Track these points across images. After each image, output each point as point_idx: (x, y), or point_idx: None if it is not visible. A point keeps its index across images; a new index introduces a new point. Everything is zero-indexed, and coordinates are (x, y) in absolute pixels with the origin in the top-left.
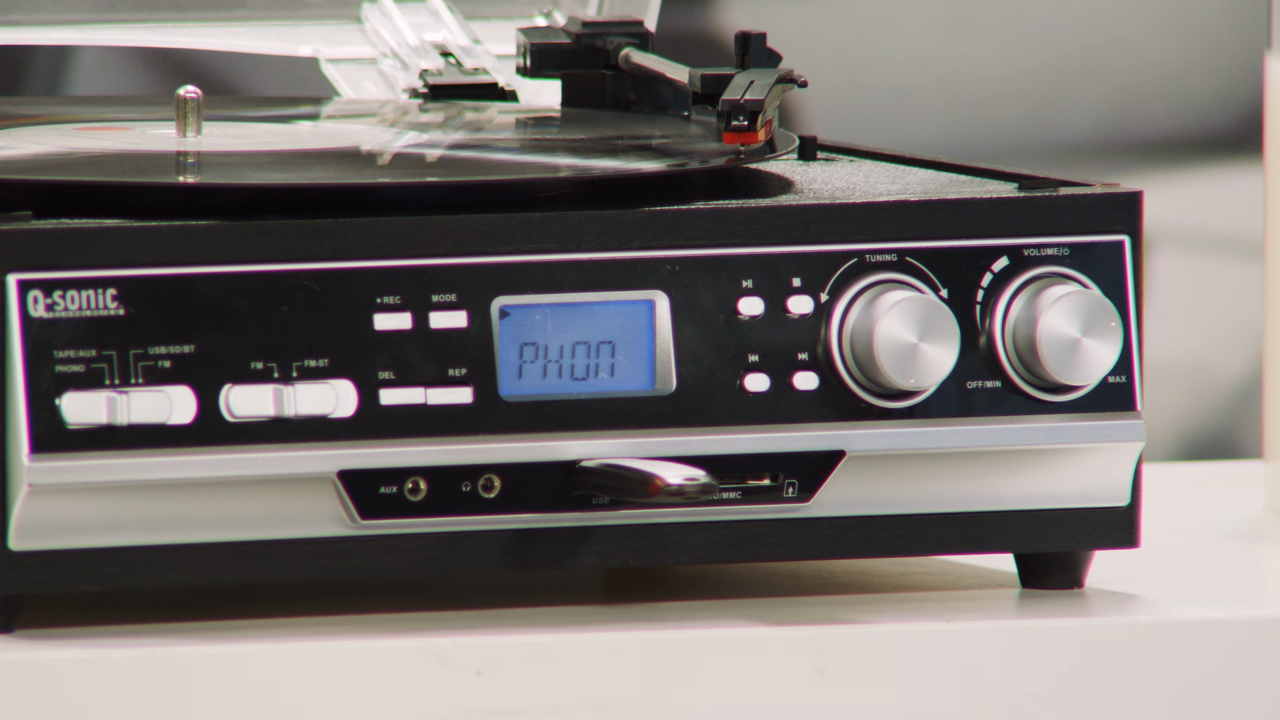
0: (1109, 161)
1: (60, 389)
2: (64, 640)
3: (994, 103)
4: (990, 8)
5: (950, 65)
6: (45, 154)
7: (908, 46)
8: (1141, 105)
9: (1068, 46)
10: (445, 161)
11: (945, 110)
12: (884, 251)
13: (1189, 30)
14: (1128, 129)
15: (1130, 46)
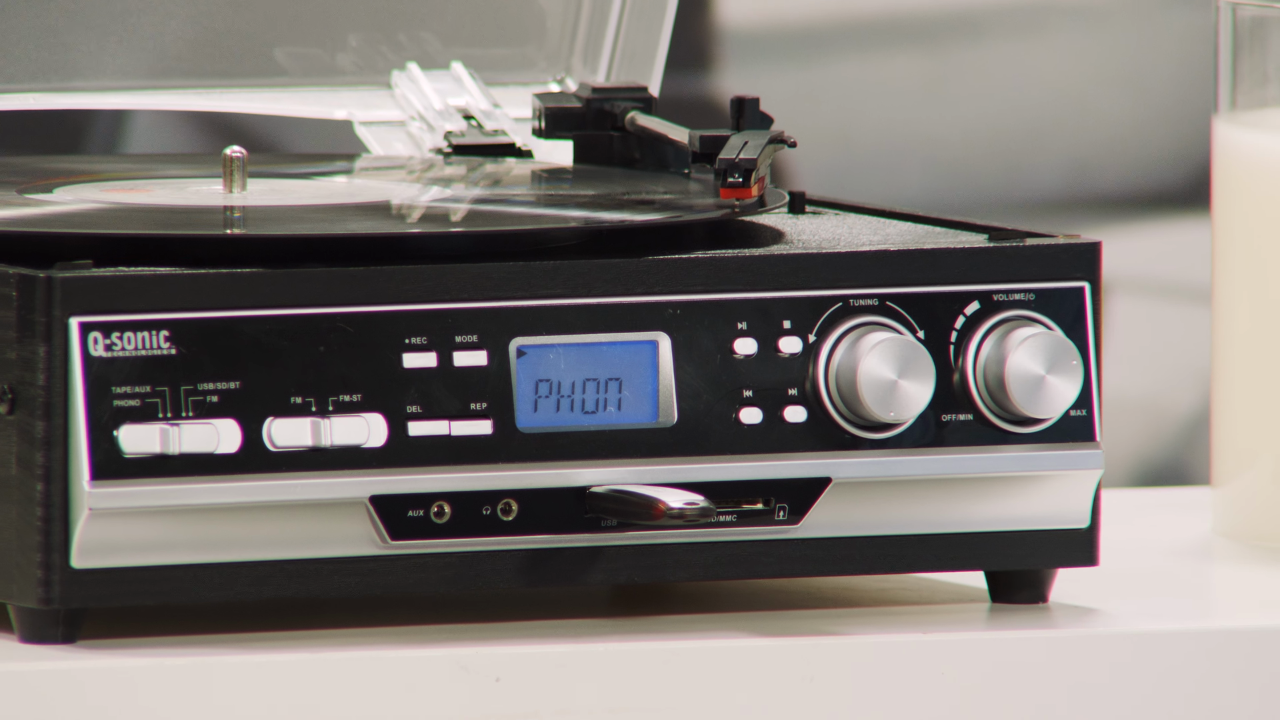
0: (1071, 215)
1: (118, 422)
2: (121, 650)
3: (967, 162)
4: (964, 76)
5: (927, 128)
6: (104, 207)
7: (889, 111)
8: (1101, 165)
9: (1034, 112)
10: (467, 214)
11: (923, 168)
12: (866, 296)
13: (1144, 97)
14: (1088, 186)
15: (1091, 112)
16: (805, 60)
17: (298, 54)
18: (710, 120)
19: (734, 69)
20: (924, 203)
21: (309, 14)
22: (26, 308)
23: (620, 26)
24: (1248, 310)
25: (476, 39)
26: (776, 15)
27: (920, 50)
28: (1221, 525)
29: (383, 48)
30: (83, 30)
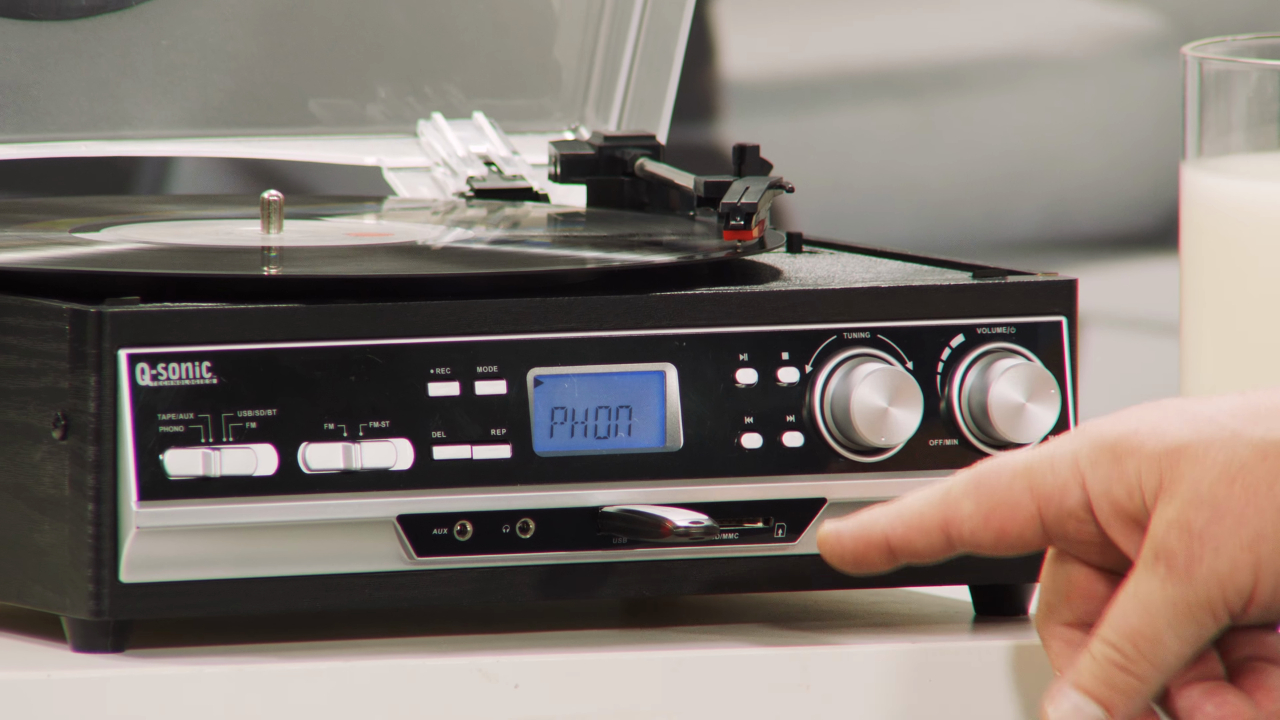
0: (1049, 255)
1: (163, 446)
2: (166, 658)
3: (952, 205)
4: (949, 125)
5: (915, 173)
6: (150, 247)
7: (879, 157)
8: (1077, 208)
9: (1014, 158)
10: (488, 254)
11: (911, 211)
12: (859, 330)
13: (1117, 144)
14: (1065, 228)
15: (1068, 158)
16: (801, 111)
17: (330, 105)
18: (714, 167)
19: (735, 119)
20: (911, 243)
21: (341, 68)
22: (78, 340)
23: (630, 79)
24: (1213, 343)
25: (496, 91)
26: (775, 69)
27: (908, 101)
28: None
29: (409, 99)
30: (131, 83)
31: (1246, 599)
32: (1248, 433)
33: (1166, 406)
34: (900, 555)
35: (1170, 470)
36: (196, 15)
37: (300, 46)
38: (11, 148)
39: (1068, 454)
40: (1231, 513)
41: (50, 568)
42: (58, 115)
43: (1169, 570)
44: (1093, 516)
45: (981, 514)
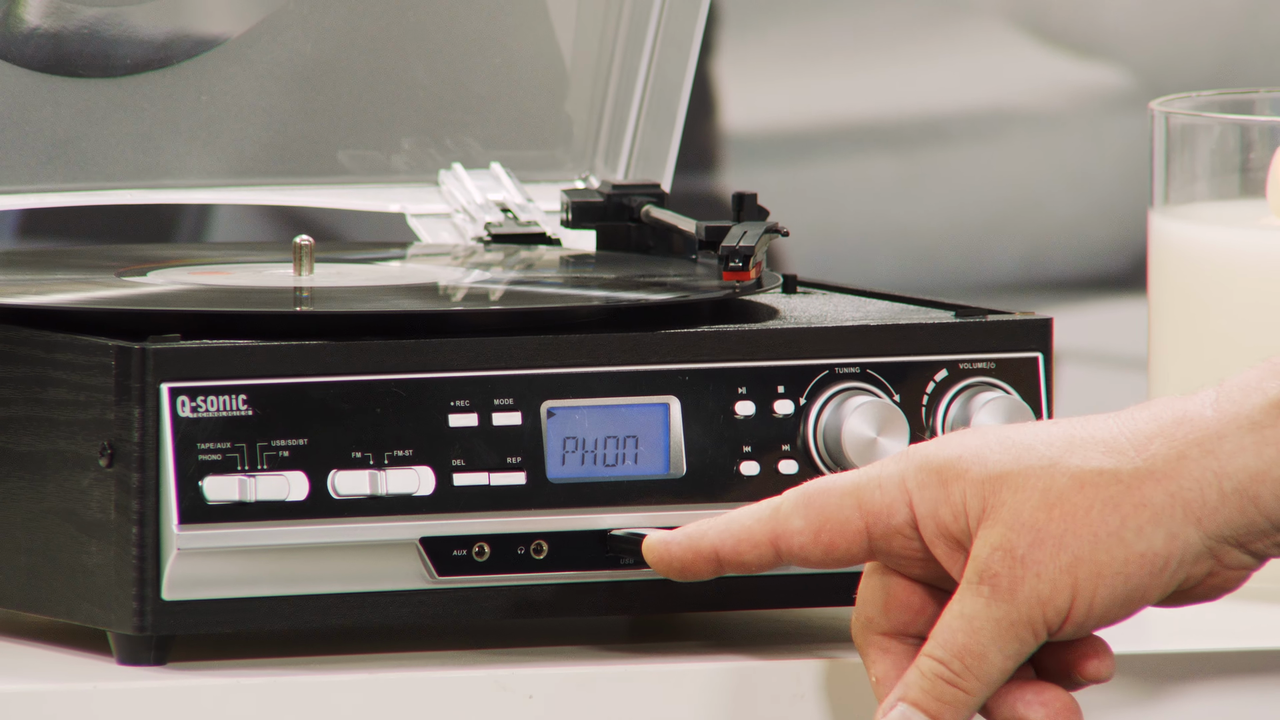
0: (1026, 296)
1: (202, 473)
2: (205, 671)
3: (936, 250)
4: (933, 175)
5: (902, 220)
6: (190, 288)
7: (867, 205)
8: (1052, 252)
9: (994, 206)
10: (504, 294)
11: (897, 255)
12: (849, 365)
13: (1090, 193)
14: (1041, 270)
15: (1043, 205)
16: (796, 161)
17: (358, 156)
18: (714, 213)
19: (734, 169)
20: (898, 284)
21: (367, 121)
22: (123, 375)
23: (637, 132)
24: (1179, 378)
25: (512, 143)
26: (771, 123)
27: (894, 153)
28: None
29: (431, 150)
30: (172, 136)
31: (1064, 617)
32: (1065, 462)
33: (988, 434)
34: (728, 566)
35: (993, 496)
36: (233, 73)
37: (329, 102)
38: (61, 196)
39: (895, 475)
40: (1051, 538)
41: (97, 586)
42: (104, 166)
43: (993, 591)
44: (918, 534)
45: (811, 530)
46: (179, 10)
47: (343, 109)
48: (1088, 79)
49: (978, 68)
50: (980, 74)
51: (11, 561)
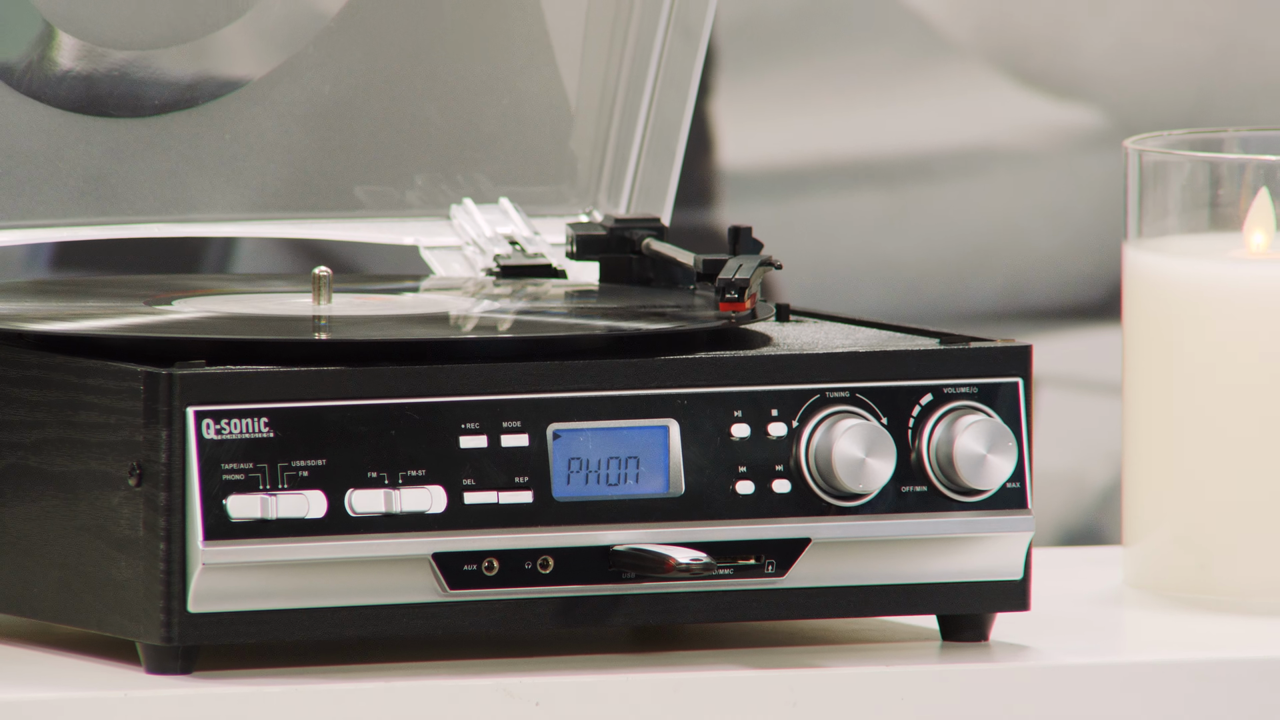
0: (1007, 324)
1: (226, 492)
2: (229, 680)
3: (921, 280)
4: (919, 210)
5: (889, 252)
6: (215, 316)
7: (856, 238)
8: (1031, 283)
9: (976, 239)
10: (512, 323)
11: (885, 285)
12: (839, 389)
13: (1067, 226)
14: (1021, 300)
15: (1023, 239)
16: (789, 197)
17: (374, 191)
18: (711, 246)
19: (730, 204)
20: (885, 313)
21: (383, 159)
22: (151, 399)
23: (638, 169)
24: (1151, 401)
25: (520, 179)
26: (765, 160)
27: (882, 189)
28: (1131, 578)
29: (443, 186)
30: (198, 173)
31: None
32: None
33: None
34: None
35: None
36: (255, 113)
37: (346, 140)
38: (93, 230)
39: None
40: None
41: (126, 599)
42: (133, 201)
43: None
44: None
45: None
46: (204, 54)
47: (359, 147)
48: (1065, 119)
49: (961, 109)
50: (963, 114)
51: (45, 576)
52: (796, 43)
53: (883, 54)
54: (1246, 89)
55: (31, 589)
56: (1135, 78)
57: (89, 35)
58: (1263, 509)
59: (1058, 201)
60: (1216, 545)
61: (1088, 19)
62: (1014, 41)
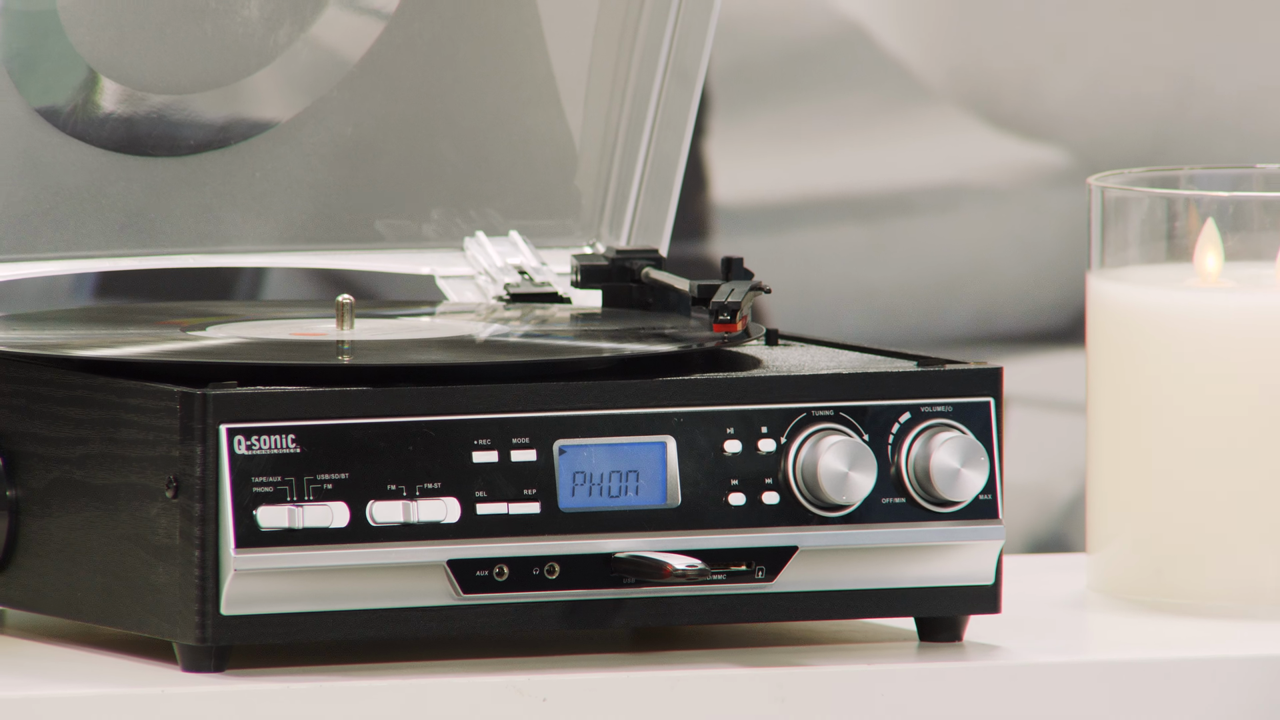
0: (979, 348)
1: (256, 504)
2: (260, 677)
3: (900, 307)
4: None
5: (869, 281)
6: (245, 341)
7: (839, 268)
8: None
9: (950, 269)
10: (521, 346)
11: (866, 312)
12: (825, 408)
13: (1035, 258)
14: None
15: (994, 269)
16: (776, 229)
17: (393, 225)
18: (706, 274)
19: (723, 236)
20: (866, 338)
21: (401, 194)
22: (187, 417)
23: (637, 204)
24: (1113, 420)
25: (528, 213)
26: (755, 196)
27: (862, 223)
28: (1094, 583)
29: (457, 220)
30: (230, 208)
31: None
32: None
33: None
34: None
35: None
36: (283, 152)
37: (367, 177)
38: (133, 261)
39: None
40: None
41: (164, 603)
42: (170, 235)
43: None
44: None
45: None
46: (236, 98)
47: (379, 184)
48: (1033, 158)
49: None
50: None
51: (89, 581)
52: (784, 88)
53: (864, 98)
54: (1200, 130)
55: (76, 593)
56: (1098, 120)
57: (130, 80)
58: (1215, 519)
59: (1026, 234)
60: (1173, 553)
61: (1053, 66)
62: (985, 87)
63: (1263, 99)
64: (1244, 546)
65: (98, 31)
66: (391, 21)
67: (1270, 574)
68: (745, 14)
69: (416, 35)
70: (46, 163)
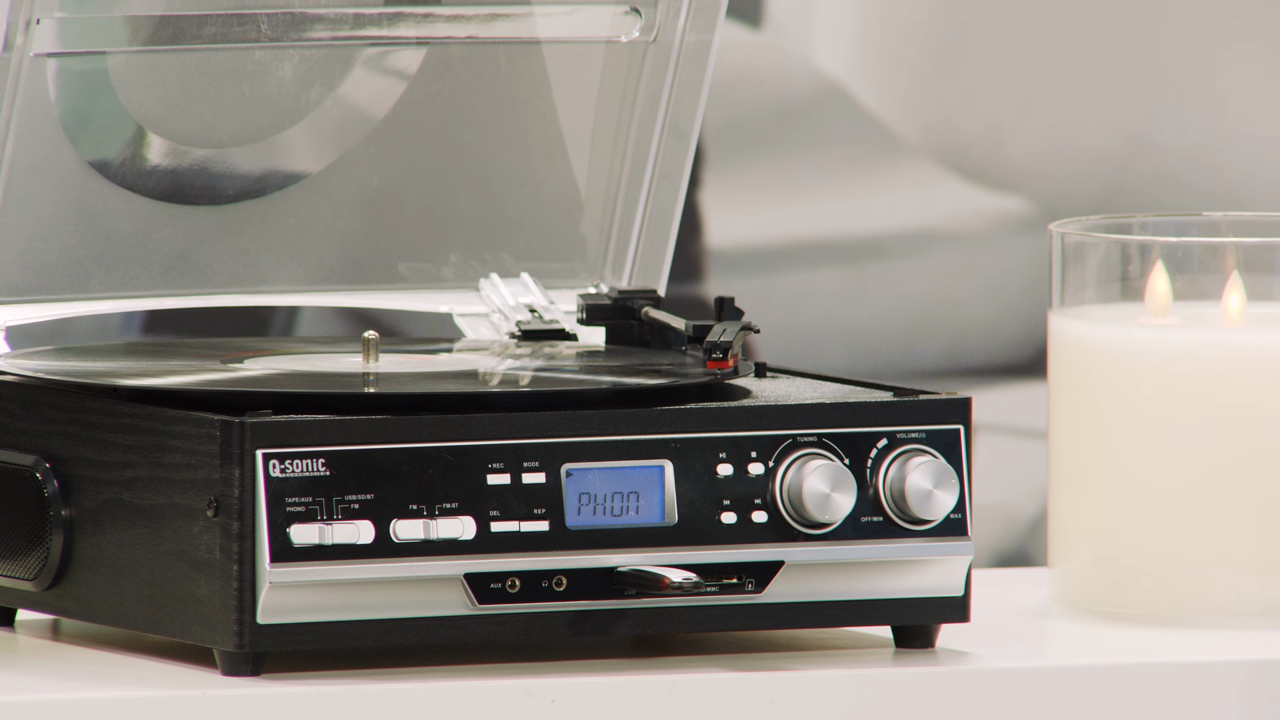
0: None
1: (289, 522)
2: (293, 680)
3: (877, 343)
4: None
5: (849, 319)
6: (280, 373)
7: (823, 306)
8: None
9: (924, 309)
10: (531, 379)
11: (847, 347)
12: (809, 435)
13: (1000, 298)
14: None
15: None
16: (765, 272)
17: (414, 267)
18: (700, 313)
19: (716, 277)
20: (846, 371)
21: (422, 240)
22: (226, 442)
23: (638, 248)
24: (1072, 445)
25: (538, 257)
26: (745, 241)
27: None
28: (1055, 595)
29: (473, 263)
30: (265, 252)
31: None
32: None
33: None
34: None
35: None
36: (314, 201)
37: (391, 224)
38: (177, 300)
39: None
40: None
41: (205, 612)
42: (211, 276)
43: None
44: None
45: None
46: (271, 151)
47: (402, 230)
48: (999, 207)
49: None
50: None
51: (136, 593)
52: (771, 143)
53: (845, 153)
54: (1149, 182)
55: (125, 604)
56: (1057, 172)
57: (174, 136)
58: (1165, 538)
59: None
60: (1127, 567)
61: (1017, 123)
62: (955, 142)
63: (1205, 154)
64: (1191, 562)
65: (145, 91)
66: (413, 82)
67: (1215, 587)
68: (736, 76)
69: (436, 95)
70: (98, 211)
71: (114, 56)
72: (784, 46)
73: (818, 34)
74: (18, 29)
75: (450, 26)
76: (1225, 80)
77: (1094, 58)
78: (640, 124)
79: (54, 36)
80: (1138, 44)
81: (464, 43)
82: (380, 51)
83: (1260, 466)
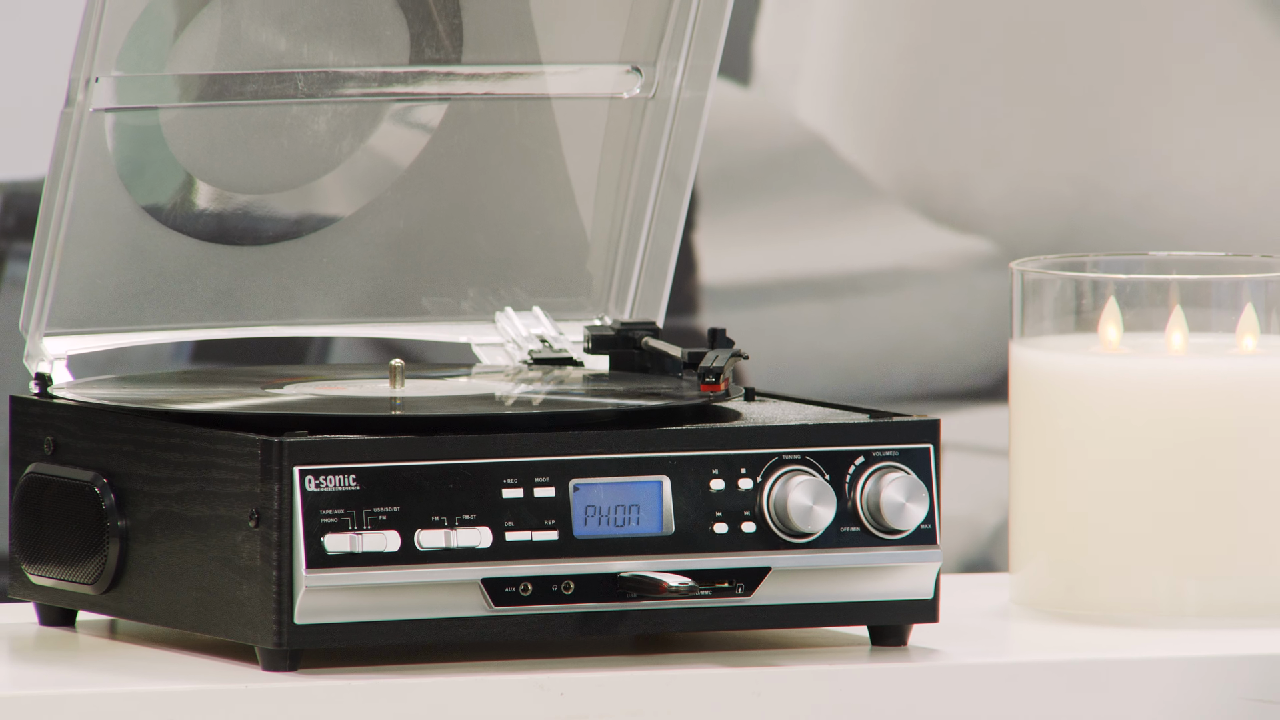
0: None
1: (323, 532)
2: (327, 675)
3: (854, 371)
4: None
5: (829, 349)
6: (315, 397)
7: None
8: (939, 372)
9: (896, 339)
10: (542, 402)
11: (827, 373)
12: (793, 453)
13: (966, 329)
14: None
15: (931, 339)
16: (754, 306)
17: (436, 301)
18: (695, 342)
19: (709, 311)
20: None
21: (443, 277)
22: (266, 460)
23: (638, 285)
24: (1030, 462)
25: (549, 292)
26: (736, 278)
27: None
28: (1016, 597)
29: (490, 297)
30: (303, 287)
31: None
32: None
33: None
34: None
35: None
36: (346, 241)
37: (416, 262)
38: (222, 332)
39: None
40: None
41: (247, 613)
42: (253, 310)
43: None
44: None
45: None
46: (307, 197)
47: (425, 268)
48: (964, 247)
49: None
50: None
51: (185, 596)
52: (759, 190)
53: (825, 198)
54: (1101, 224)
55: (175, 606)
56: (1018, 216)
57: (220, 183)
58: (1116, 545)
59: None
60: (1081, 572)
61: (982, 171)
62: (925, 188)
63: (1152, 200)
64: (1139, 568)
65: (193, 143)
66: (435, 135)
67: (1161, 590)
68: (727, 129)
69: (456, 146)
70: (150, 251)
71: (165, 111)
72: (770, 102)
73: (801, 91)
74: (78, 86)
75: (469, 84)
76: (1169, 134)
77: (1051, 112)
78: (640, 172)
79: (111, 93)
80: (1091, 100)
81: (482, 99)
82: (406, 106)
83: (1200, 481)
